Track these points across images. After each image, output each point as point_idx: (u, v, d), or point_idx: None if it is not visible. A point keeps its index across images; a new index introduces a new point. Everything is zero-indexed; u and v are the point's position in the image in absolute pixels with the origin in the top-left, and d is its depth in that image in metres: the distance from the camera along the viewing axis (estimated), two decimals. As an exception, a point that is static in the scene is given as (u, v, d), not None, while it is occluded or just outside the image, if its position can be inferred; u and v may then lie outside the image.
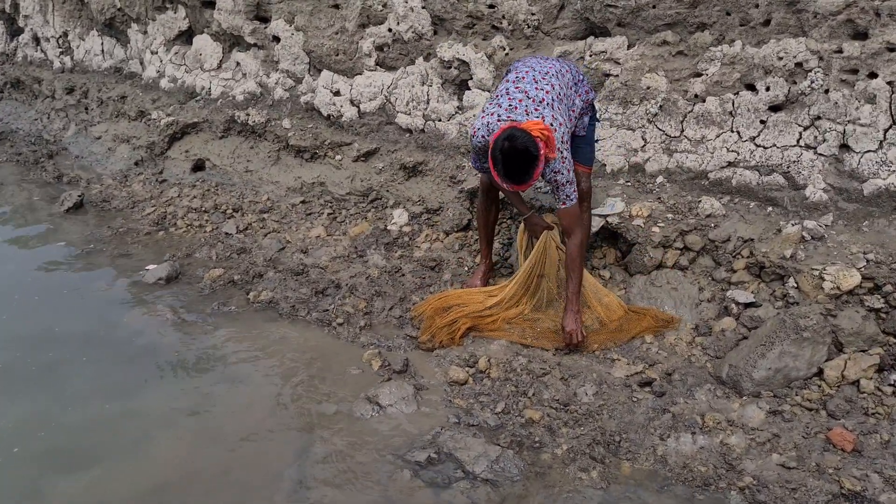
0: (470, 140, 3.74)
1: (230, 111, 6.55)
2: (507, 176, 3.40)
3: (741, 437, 3.09)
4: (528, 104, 3.59)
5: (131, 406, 3.51)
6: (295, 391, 3.61)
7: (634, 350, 3.74)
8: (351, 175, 5.66)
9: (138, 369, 3.82)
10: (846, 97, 3.89)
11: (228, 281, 4.73)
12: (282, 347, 4.00)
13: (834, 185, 3.92)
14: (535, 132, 3.32)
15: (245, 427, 3.34)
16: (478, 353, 3.76)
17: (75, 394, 3.60)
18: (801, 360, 3.33)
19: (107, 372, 3.80)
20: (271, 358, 3.90)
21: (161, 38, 7.64)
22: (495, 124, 3.58)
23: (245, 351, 3.98)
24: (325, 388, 3.62)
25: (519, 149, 3.31)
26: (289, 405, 3.51)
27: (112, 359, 3.92)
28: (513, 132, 3.34)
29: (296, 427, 3.35)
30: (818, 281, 3.53)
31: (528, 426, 3.28)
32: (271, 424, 3.37)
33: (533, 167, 3.35)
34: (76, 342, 4.08)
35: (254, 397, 3.57)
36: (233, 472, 3.05)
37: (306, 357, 3.89)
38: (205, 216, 5.79)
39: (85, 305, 4.54)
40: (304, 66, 6.27)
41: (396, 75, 5.66)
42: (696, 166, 4.37)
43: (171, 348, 4.02)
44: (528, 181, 3.40)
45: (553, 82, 3.69)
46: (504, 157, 3.35)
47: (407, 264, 4.66)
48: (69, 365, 3.86)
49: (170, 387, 3.66)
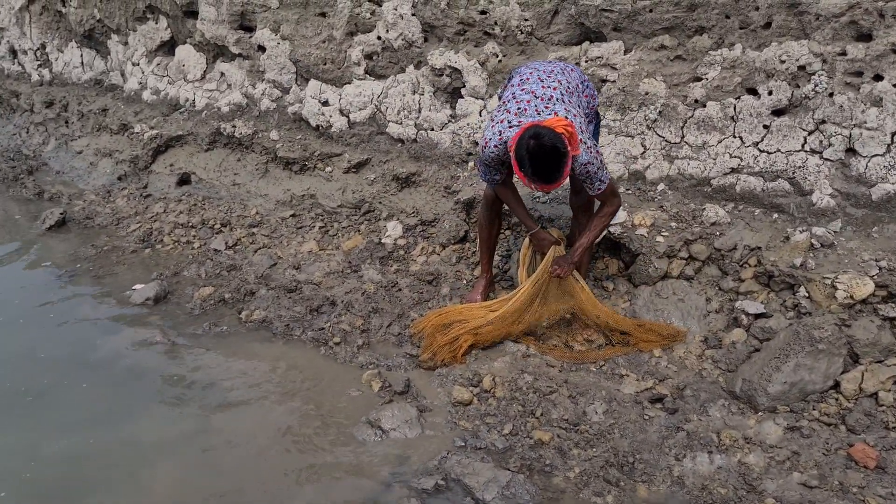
0: (480, 151, 3.61)
1: (216, 123, 6.40)
2: (537, 175, 3.25)
3: (760, 456, 2.98)
4: (536, 104, 3.47)
5: (122, 436, 3.34)
6: (293, 416, 3.46)
7: (643, 364, 3.63)
8: (342, 187, 5.52)
9: (128, 396, 3.66)
10: (851, 100, 3.81)
11: (219, 300, 4.58)
12: (277, 369, 3.86)
13: (841, 190, 3.83)
14: (560, 128, 3.20)
15: (243, 456, 3.19)
16: (482, 372, 3.63)
17: (63, 423, 3.43)
18: (817, 372, 3.23)
19: (95, 399, 3.64)
20: (267, 381, 3.76)
21: (142, 50, 7.47)
22: (507, 131, 3.45)
23: (239, 374, 3.83)
24: (324, 411, 3.48)
25: (547, 146, 3.17)
26: (287, 431, 3.36)
27: (100, 385, 3.75)
28: (538, 130, 3.21)
29: (296, 454, 3.20)
30: (830, 290, 3.43)
31: (537, 448, 3.16)
32: (270, 452, 3.23)
33: (563, 164, 3.21)
34: (62, 368, 3.91)
35: (250, 424, 3.42)
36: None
37: (303, 379, 3.75)
38: (192, 232, 5.63)
39: (70, 328, 4.37)
40: (291, 76, 6.12)
41: (387, 84, 5.54)
42: (698, 173, 4.28)
43: (161, 373, 3.86)
44: (559, 179, 3.26)
45: (559, 78, 3.58)
46: (532, 157, 3.20)
47: (403, 279, 4.53)
48: (55, 392, 3.69)
49: (162, 414, 3.51)
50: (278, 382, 3.72)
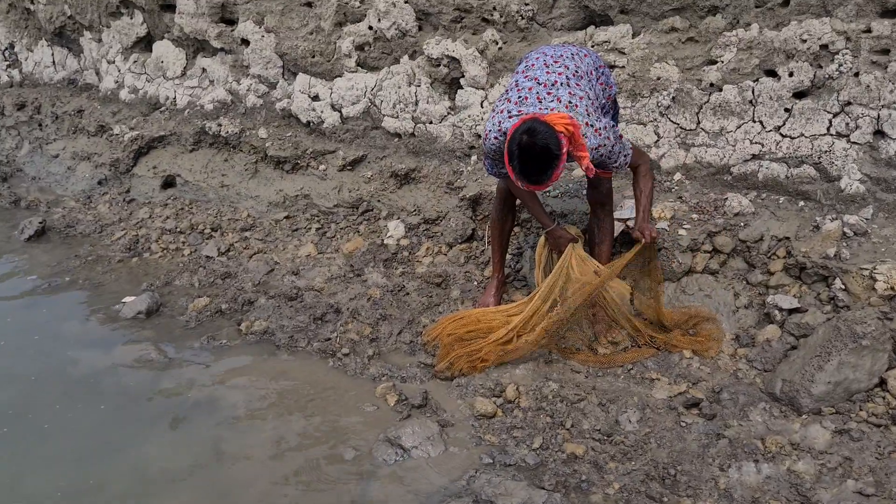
0: (483, 143, 3.39)
1: (199, 122, 6.11)
2: (523, 174, 3.05)
3: (810, 463, 2.80)
4: (538, 90, 3.25)
5: (120, 466, 3.08)
6: (305, 435, 3.24)
7: (673, 367, 3.44)
8: (337, 185, 5.27)
9: (126, 421, 3.41)
10: (878, 80, 3.63)
11: (216, 311, 4.33)
12: (284, 384, 3.63)
13: (871, 175, 3.65)
14: (560, 126, 2.98)
15: (255, 481, 2.96)
16: (503, 381, 3.42)
17: (52, 455, 3.16)
18: (861, 370, 3.05)
19: (89, 425, 3.37)
20: (275, 398, 3.52)
21: (118, 46, 7.14)
22: (507, 121, 3.23)
23: (244, 392, 3.59)
24: (338, 430, 3.26)
25: (538, 145, 2.96)
26: (301, 452, 3.13)
27: (94, 409, 3.49)
28: (534, 125, 2.99)
29: (312, 478, 2.98)
30: (869, 281, 3.26)
31: (571, 463, 2.96)
32: (283, 477, 2.99)
33: (552, 167, 3.00)
34: (50, 391, 3.64)
35: (260, 445, 3.19)
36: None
37: (313, 394, 3.52)
38: (181, 238, 5.37)
39: (58, 347, 4.09)
40: (277, 70, 5.85)
41: (380, 76, 5.28)
42: (716, 161, 4.08)
43: (160, 393, 3.61)
44: (546, 182, 3.06)
45: (567, 63, 3.36)
46: (521, 153, 2.99)
47: (410, 282, 4.30)
48: (42, 419, 3.40)
49: (166, 441, 3.25)
50: (287, 399, 3.49)
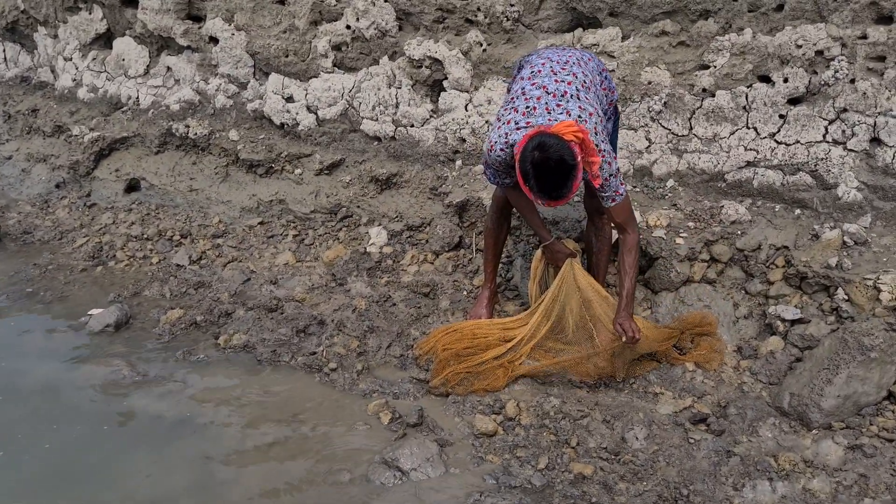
0: (486, 154, 3.25)
1: (165, 123, 5.84)
2: (542, 191, 2.93)
3: (825, 481, 2.74)
4: (547, 101, 3.13)
5: (103, 495, 2.86)
6: (297, 458, 3.05)
7: (677, 380, 3.35)
8: (314, 190, 5.08)
9: (100, 444, 3.17)
10: (875, 87, 3.59)
11: (190, 323, 4.11)
12: (269, 402, 3.44)
13: (868, 182, 3.62)
14: (568, 135, 2.86)
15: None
16: (502, 397, 3.29)
17: (21, 483, 2.91)
18: (870, 383, 3.00)
19: (61, 450, 3.13)
20: (259, 417, 3.33)
21: (75, 43, 6.81)
22: (514, 133, 3.10)
23: (226, 409, 3.39)
24: (331, 451, 3.09)
25: (553, 159, 2.85)
26: (293, 476, 2.95)
27: (65, 434, 3.24)
28: (543, 140, 2.87)
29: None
30: (873, 292, 3.21)
31: (579, 484, 2.84)
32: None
33: (571, 179, 2.89)
34: (15, 412, 3.38)
35: (249, 469, 3.00)
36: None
37: (301, 413, 3.34)
38: (148, 245, 5.11)
39: (20, 366, 3.80)
40: (248, 70, 5.62)
41: (359, 77, 5.10)
42: (710, 167, 4.01)
43: (137, 414, 3.38)
44: (567, 195, 2.94)
45: (575, 71, 3.24)
46: (536, 171, 2.88)
47: (396, 292, 4.14)
48: (9, 443, 3.15)
49: (147, 465, 3.02)
50: (274, 418, 3.30)
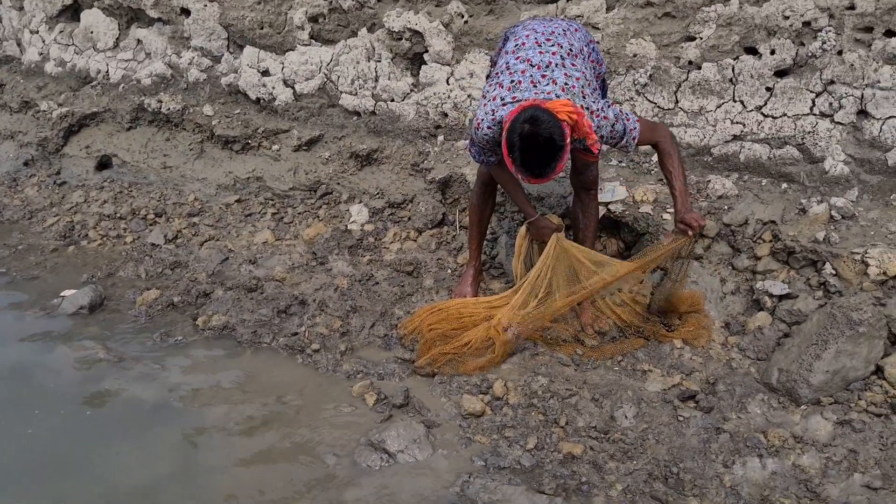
0: (473, 132, 3.17)
1: (136, 98, 5.67)
2: (525, 166, 2.85)
3: (815, 457, 2.72)
4: (532, 73, 3.05)
5: (83, 482, 2.76)
6: (281, 441, 2.99)
7: (665, 357, 3.31)
8: (293, 167, 4.96)
9: (78, 430, 3.07)
10: (863, 58, 3.55)
11: (167, 304, 4.01)
12: (251, 384, 3.36)
13: (855, 156, 3.59)
14: (563, 115, 2.79)
15: (234, 495, 2.70)
16: (489, 377, 3.24)
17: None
18: (858, 358, 2.99)
19: (38, 436, 3.02)
20: (241, 399, 3.25)
21: (41, 15, 6.58)
22: (501, 109, 3.02)
23: (207, 392, 3.31)
24: (316, 433, 3.02)
25: (542, 136, 2.77)
26: (278, 460, 2.89)
27: (43, 420, 3.13)
28: (536, 114, 2.79)
29: (293, 489, 2.74)
30: (861, 266, 3.19)
31: (568, 463, 2.80)
32: (262, 488, 2.74)
33: (556, 159, 2.82)
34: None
35: (232, 454, 2.92)
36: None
37: (284, 394, 3.27)
38: (122, 224, 4.98)
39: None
40: (222, 43, 5.46)
41: (336, 50, 4.98)
42: (696, 141, 3.97)
43: (115, 398, 3.28)
44: (549, 175, 2.87)
45: (560, 41, 3.16)
46: (523, 144, 2.80)
47: (379, 270, 4.06)
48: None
49: (127, 450, 2.92)
50: (256, 401, 3.23)
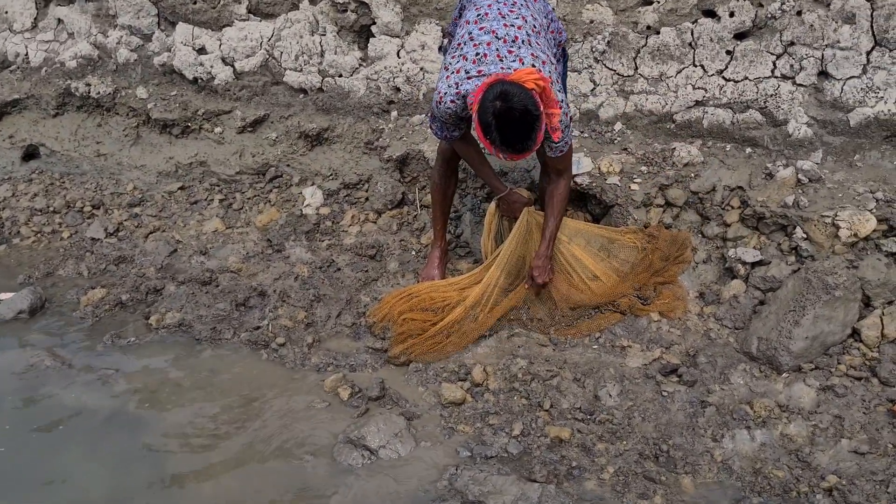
0: (434, 107, 3.02)
1: (62, 82, 5.30)
2: (506, 144, 2.73)
3: (801, 425, 2.72)
4: (498, 46, 2.92)
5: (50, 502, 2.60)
6: (255, 444, 2.83)
7: (643, 331, 3.26)
8: (238, 150, 4.72)
9: (24, 449, 2.85)
10: (822, 18, 3.52)
11: (115, 303, 3.77)
12: (215, 385, 3.19)
13: (817, 118, 3.58)
14: (530, 83, 2.67)
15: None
16: (467, 362, 3.14)
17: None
18: (835, 322, 2.99)
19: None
20: (205, 402, 3.08)
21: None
22: (466, 83, 2.88)
23: (167, 396, 3.12)
24: (290, 433, 2.88)
25: (517, 109, 2.65)
26: (250, 465, 2.74)
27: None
28: (504, 88, 2.66)
29: (270, 496, 2.60)
30: (832, 229, 3.19)
31: (557, 448, 2.73)
32: (235, 499, 2.60)
33: (535, 130, 2.71)
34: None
35: (205, 461, 2.76)
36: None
37: (251, 393, 3.11)
38: (56, 218, 4.67)
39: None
40: (152, 20, 5.13)
41: (277, 24, 4.72)
42: (658, 108, 3.90)
43: (66, 408, 3.06)
44: (532, 147, 2.76)
45: (524, 13, 3.03)
46: (499, 122, 2.67)
47: (340, 255, 3.90)
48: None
49: (91, 464, 2.74)
50: (222, 402, 3.06)
